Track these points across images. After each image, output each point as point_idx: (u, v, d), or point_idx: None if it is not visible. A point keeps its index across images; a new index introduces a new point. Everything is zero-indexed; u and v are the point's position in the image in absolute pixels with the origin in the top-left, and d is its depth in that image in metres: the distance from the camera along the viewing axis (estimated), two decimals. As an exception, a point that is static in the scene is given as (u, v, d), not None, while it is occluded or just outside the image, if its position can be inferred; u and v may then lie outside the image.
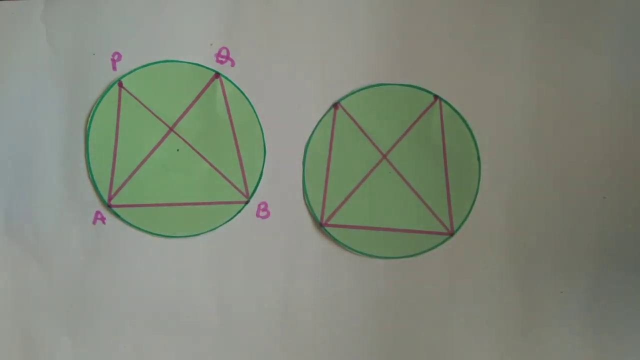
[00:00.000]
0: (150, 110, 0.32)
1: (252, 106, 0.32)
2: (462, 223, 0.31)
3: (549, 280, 0.31)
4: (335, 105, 0.31)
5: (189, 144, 0.32)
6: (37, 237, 0.32)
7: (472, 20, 0.31)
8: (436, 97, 0.31)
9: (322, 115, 0.32)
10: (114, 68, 0.32)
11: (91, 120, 0.32)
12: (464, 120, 0.31)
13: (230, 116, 0.32)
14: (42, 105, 0.32)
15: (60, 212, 0.32)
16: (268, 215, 0.32)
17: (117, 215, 0.32)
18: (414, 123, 0.31)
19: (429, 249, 0.32)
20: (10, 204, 0.32)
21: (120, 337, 0.33)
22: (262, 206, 0.32)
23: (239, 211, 0.32)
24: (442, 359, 0.32)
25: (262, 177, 0.32)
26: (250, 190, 0.32)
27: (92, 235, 0.32)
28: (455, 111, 0.31)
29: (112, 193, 0.32)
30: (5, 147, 0.32)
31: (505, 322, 0.31)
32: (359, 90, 0.31)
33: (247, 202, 0.32)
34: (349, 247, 0.32)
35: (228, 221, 0.32)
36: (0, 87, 0.32)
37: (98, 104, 0.32)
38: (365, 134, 0.31)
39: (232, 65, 0.32)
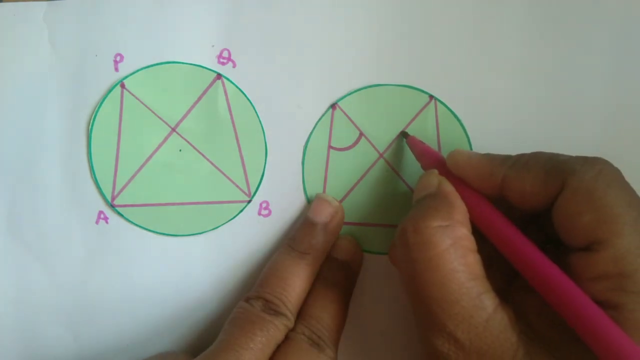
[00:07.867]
0: (152, 111, 0.32)
1: (253, 107, 0.32)
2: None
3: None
4: (333, 106, 0.32)
5: (191, 145, 0.32)
6: (39, 237, 0.32)
7: (469, 20, 0.31)
8: (431, 97, 0.32)
9: (320, 116, 0.32)
10: (116, 69, 0.32)
11: (93, 120, 0.32)
12: (458, 120, 0.32)
13: (232, 117, 0.32)
14: (45, 106, 0.32)
15: (63, 212, 0.32)
16: (270, 213, 0.32)
17: (121, 215, 0.32)
18: (409, 123, 0.32)
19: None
20: (13, 204, 0.32)
21: (123, 336, 0.33)
22: (264, 205, 0.32)
23: (242, 210, 0.32)
24: None
25: (264, 177, 0.32)
26: (253, 190, 0.32)
27: (94, 235, 0.32)
28: (450, 111, 0.32)
29: (115, 193, 0.32)
30: (8, 148, 0.32)
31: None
32: (355, 91, 0.32)
33: (249, 201, 0.32)
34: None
35: (230, 220, 0.32)
36: (2, 87, 0.32)
37: (100, 104, 0.32)
38: (363, 134, 0.32)
39: (234, 66, 0.32)
